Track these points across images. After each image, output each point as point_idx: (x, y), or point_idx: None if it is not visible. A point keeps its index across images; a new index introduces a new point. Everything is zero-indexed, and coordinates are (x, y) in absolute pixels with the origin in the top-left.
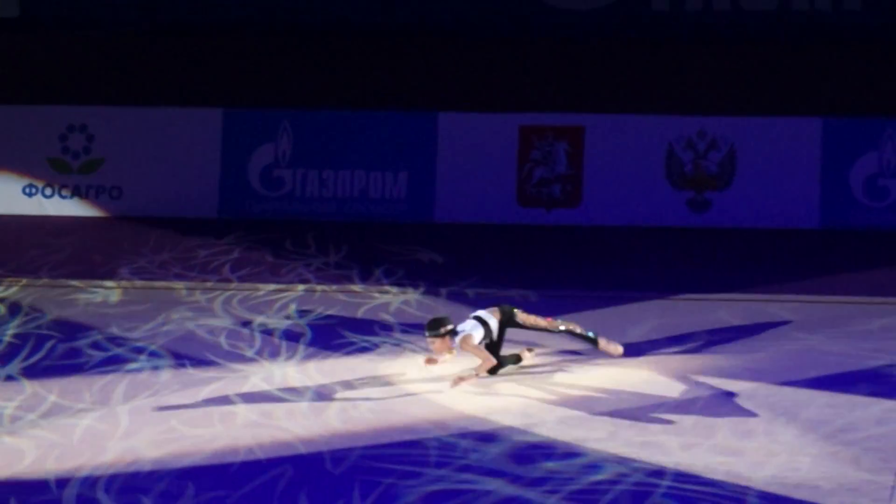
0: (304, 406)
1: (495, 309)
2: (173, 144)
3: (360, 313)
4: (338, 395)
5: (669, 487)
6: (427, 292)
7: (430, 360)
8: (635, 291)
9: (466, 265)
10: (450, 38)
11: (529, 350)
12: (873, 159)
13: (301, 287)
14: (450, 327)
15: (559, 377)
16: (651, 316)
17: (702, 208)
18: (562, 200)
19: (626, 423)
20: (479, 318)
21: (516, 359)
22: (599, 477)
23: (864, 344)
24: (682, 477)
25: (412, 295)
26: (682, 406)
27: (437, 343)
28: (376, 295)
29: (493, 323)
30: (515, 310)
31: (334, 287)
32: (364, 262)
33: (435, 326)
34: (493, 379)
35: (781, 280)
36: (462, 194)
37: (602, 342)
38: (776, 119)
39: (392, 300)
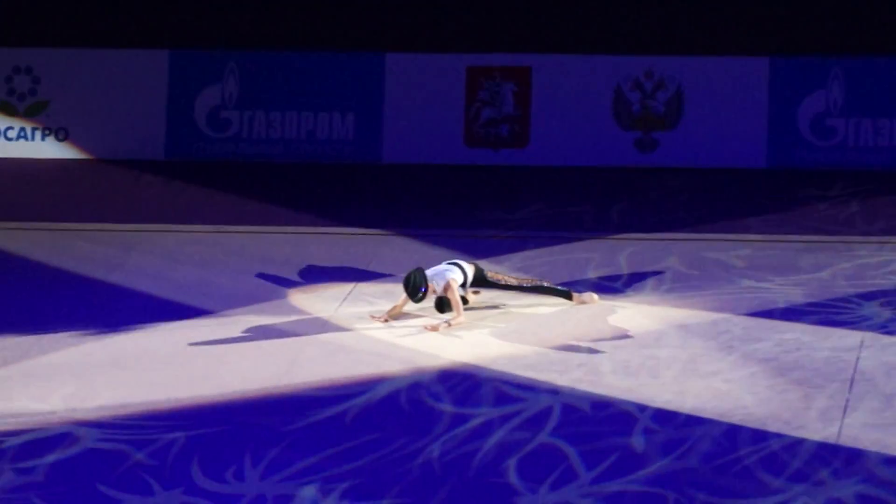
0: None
1: (470, 264)
2: (120, 86)
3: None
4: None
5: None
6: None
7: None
8: (583, 231)
9: (414, 206)
10: None
11: (475, 293)
12: (820, 98)
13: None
14: (423, 288)
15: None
16: (599, 256)
17: (649, 148)
18: (509, 141)
19: (576, 360)
20: (458, 266)
21: (463, 301)
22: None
23: (807, 280)
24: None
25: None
26: (632, 345)
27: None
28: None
29: (470, 274)
30: (484, 268)
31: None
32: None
33: (416, 292)
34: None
35: (728, 219)
36: (410, 135)
37: (575, 295)
38: (723, 59)
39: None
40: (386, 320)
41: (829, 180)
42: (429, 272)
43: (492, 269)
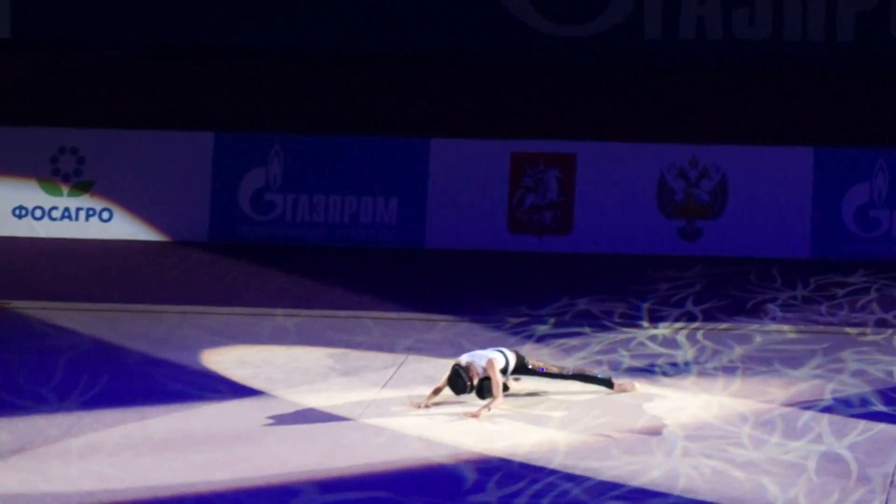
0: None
1: (512, 351)
2: (164, 167)
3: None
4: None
5: None
6: (423, 320)
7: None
8: (624, 319)
9: (456, 291)
10: (443, 64)
11: (516, 380)
12: (864, 189)
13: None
14: (468, 383)
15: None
16: (639, 344)
17: (693, 237)
18: (553, 227)
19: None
20: (500, 352)
21: (504, 387)
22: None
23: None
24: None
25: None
26: (673, 435)
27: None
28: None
29: (511, 362)
30: (525, 356)
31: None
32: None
33: (463, 384)
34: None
35: (768, 309)
36: (453, 220)
37: (616, 383)
38: (768, 148)
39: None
40: (426, 406)
41: (871, 272)
42: (469, 355)
43: (533, 357)
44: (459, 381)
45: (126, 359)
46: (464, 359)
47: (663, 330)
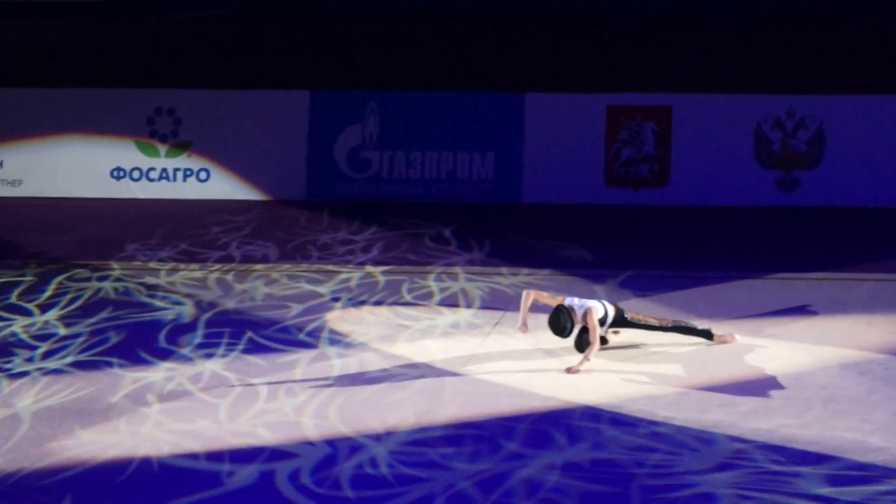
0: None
1: (611, 304)
2: (261, 127)
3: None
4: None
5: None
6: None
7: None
8: (723, 271)
9: (554, 246)
10: (538, 19)
11: (615, 332)
12: None
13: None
14: (568, 326)
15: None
16: (739, 295)
17: (790, 188)
18: (649, 180)
19: (717, 400)
20: (601, 302)
21: (602, 340)
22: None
23: None
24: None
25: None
26: (774, 385)
27: None
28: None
29: (610, 313)
30: (624, 308)
31: (431, 269)
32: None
33: (562, 330)
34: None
35: (870, 259)
36: (549, 175)
37: (716, 335)
38: (865, 97)
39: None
40: (525, 326)
41: None
42: (569, 300)
43: (632, 310)
44: (560, 320)
45: (235, 316)
46: (566, 302)
47: (765, 280)
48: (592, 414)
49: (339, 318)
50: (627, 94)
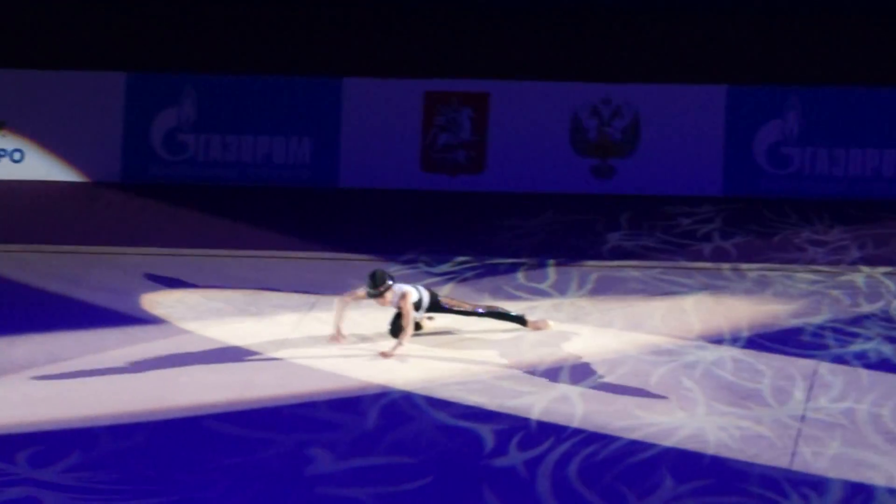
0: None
1: (426, 289)
2: (77, 108)
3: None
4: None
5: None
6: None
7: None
8: (535, 258)
9: (370, 231)
10: (357, 3)
11: (429, 318)
12: (776, 127)
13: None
14: (389, 283)
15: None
16: (553, 281)
17: (606, 175)
18: (466, 166)
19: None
20: (416, 288)
21: (416, 326)
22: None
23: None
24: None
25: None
26: (586, 370)
27: (378, 299)
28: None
29: (425, 298)
30: (439, 294)
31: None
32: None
33: (376, 284)
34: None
35: (681, 247)
36: (366, 160)
37: (530, 321)
38: (681, 87)
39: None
40: (340, 335)
41: (783, 209)
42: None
43: (448, 296)
44: (380, 280)
45: (40, 298)
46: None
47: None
48: (405, 398)
49: (154, 301)
50: (445, 79)
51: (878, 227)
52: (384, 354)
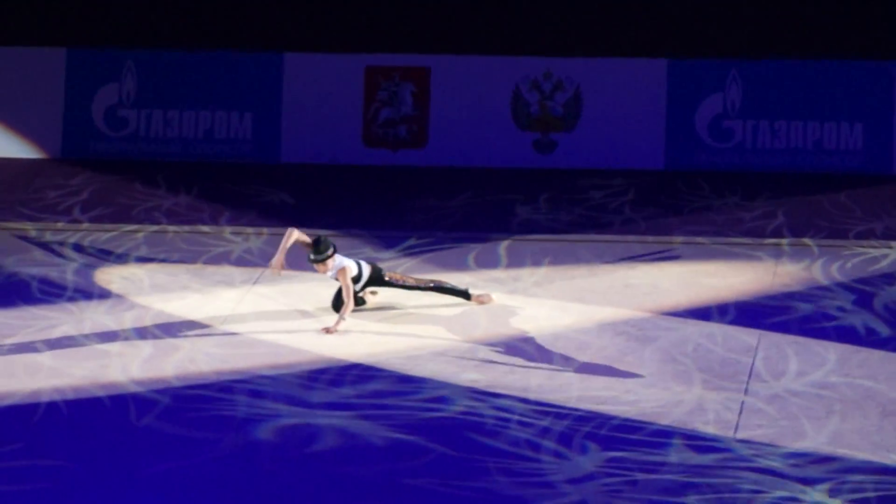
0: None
1: (368, 263)
2: (16, 84)
3: (202, 259)
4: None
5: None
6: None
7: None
8: (479, 232)
9: (313, 206)
10: None
11: (373, 293)
12: (718, 101)
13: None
14: (331, 252)
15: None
16: (497, 256)
17: (548, 149)
18: (408, 141)
19: (474, 359)
20: (357, 262)
21: (360, 301)
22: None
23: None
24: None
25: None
26: (530, 344)
27: (318, 266)
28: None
29: (366, 273)
30: (383, 268)
31: (186, 228)
32: (213, 203)
33: (319, 250)
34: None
35: (628, 221)
36: (308, 135)
37: (474, 295)
38: (622, 60)
39: (239, 244)
40: (280, 266)
41: (726, 182)
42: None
43: (390, 270)
44: (319, 246)
45: None
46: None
47: (520, 241)
48: (346, 369)
49: (99, 276)
50: (386, 54)
51: (813, 198)
52: (327, 330)
